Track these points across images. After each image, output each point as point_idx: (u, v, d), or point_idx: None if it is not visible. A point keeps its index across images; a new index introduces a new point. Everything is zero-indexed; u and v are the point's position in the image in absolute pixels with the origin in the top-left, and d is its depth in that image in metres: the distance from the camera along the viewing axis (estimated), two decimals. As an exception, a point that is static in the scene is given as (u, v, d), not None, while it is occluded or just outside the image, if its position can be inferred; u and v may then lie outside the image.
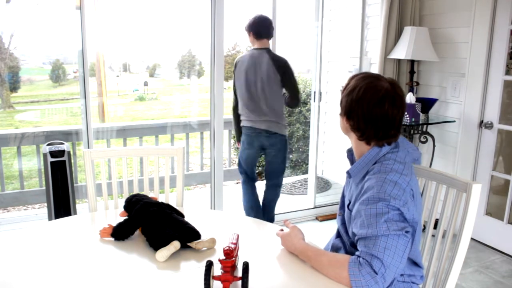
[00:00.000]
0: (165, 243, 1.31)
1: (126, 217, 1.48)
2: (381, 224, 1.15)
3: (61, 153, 2.68)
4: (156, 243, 1.33)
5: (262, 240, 1.46)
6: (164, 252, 1.27)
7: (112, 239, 1.43)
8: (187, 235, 1.36)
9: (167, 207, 1.50)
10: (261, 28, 2.85)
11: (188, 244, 1.35)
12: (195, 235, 1.38)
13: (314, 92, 3.64)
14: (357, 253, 1.18)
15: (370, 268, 1.12)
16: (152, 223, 1.41)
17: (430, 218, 1.49)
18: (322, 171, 4.74)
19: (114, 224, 1.44)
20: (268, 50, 2.86)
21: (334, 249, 1.46)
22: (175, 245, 1.31)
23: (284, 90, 2.91)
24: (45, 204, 3.04)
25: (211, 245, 1.37)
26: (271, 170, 3.03)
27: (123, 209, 1.57)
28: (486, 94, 3.03)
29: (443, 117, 3.28)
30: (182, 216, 1.52)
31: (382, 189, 1.18)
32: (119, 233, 1.43)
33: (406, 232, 1.16)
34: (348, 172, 1.35)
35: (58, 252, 1.35)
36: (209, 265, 1.08)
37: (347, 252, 1.40)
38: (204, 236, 1.39)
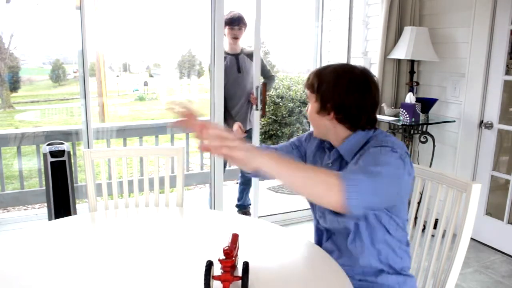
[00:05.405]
0: None
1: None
2: (382, 166, 1.11)
3: (61, 153, 2.68)
4: None
5: (262, 240, 1.46)
6: None
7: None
8: None
9: None
10: None
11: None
12: None
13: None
14: (348, 171, 1.12)
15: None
16: None
17: (430, 218, 1.49)
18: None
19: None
20: None
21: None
22: None
23: None
24: (45, 204, 3.04)
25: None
26: None
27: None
28: (486, 94, 3.03)
29: (443, 117, 3.28)
30: None
31: (384, 142, 1.19)
32: None
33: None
34: (337, 152, 1.30)
35: (58, 252, 1.35)
36: (209, 265, 1.08)
37: (340, 252, 1.35)
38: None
